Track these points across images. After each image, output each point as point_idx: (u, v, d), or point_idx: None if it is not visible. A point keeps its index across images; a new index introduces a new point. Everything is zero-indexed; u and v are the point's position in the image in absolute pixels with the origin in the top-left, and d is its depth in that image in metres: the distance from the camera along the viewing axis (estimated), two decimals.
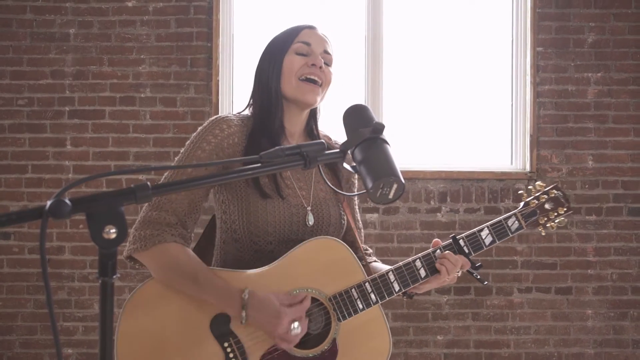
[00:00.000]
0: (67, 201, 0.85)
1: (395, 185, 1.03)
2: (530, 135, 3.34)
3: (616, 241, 3.34)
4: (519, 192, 1.60)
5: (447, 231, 3.29)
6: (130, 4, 3.31)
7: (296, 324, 1.30)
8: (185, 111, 3.31)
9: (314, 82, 1.45)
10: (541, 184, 1.55)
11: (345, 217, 1.54)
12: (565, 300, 3.33)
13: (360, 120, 1.11)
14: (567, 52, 3.36)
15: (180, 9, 3.32)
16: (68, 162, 3.30)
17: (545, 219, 1.53)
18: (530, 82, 3.34)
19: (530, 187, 1.57)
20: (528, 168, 3.34)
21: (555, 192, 1.54)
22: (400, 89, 3.44)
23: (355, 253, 1.45)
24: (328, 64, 1.48)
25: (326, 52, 1.48)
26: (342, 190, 1.56)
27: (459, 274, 1.47)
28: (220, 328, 1.34)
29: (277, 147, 1.00)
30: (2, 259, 3.28)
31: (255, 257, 1.44)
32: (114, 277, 0.87)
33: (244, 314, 1.31)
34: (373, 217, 3.30)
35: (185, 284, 1.35)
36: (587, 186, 3.36)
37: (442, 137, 3.45)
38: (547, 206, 1.52)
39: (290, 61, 1.45)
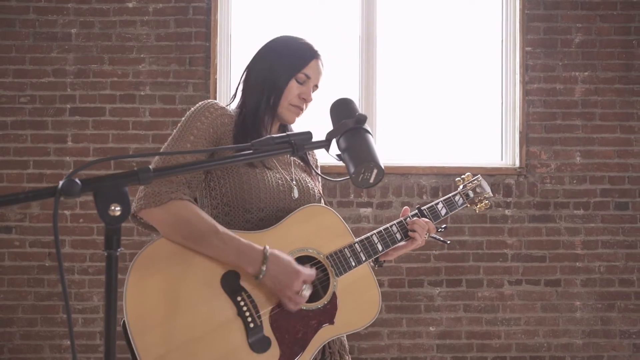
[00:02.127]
0: (78, 181, 0.94)
1: (375, 171, 1.14)
2: (520, 132, 3.43)
3: (603, 235, 3.43)
4: (456, 179, 1.91)
5: (439, 224, 3.38)
6: (130, 5, 3.40)
7: (306, 286, 1.41)
8: (184, 109, 3.39)
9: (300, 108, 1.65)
10: (470, 175, 1.89)
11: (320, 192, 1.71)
12: (554, 292, 3.43)
13: (344, 112, 1.21)
14: (555, 52, 3.45)
15: (179, 9, 3.40)
16: (69, 158, 3.38)
17: (478, 199, 1.86)
18: (520, 80, 3.44)
19: (463, 176, 1.90)
20: (517, 164, 3.43)
21: (479, 180, 1.89)
22: (393, 87, 3.53)
23: None
24: (314, 91, 1.67)
25: (316, 85, 1.66)
26: (316, 173, 1.72)
27: (427, 236, 1.72)
28: (231, 284, 1.40)
29: (267, 136, 1.10)
30: (3, 253, 3.36)
31: (246, 227, 1.53)
32: (119, 250, 0.96)
33: (264, 267, 1.37)
34: (367, 211, 3.39)
35: (203, 239, 1.39)
36: (575, 181, 3.45)
37: (434, 134, 3.54)
38: (477, 190, 1.87)
39: (290, 88, 1.60)
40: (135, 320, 1.31)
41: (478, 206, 1.87)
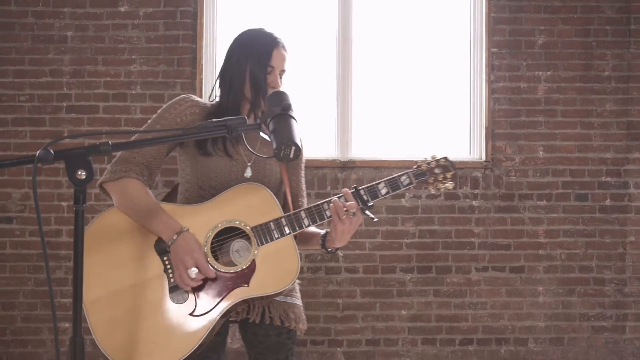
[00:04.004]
0: (51, 151, 1.18)
1: (293, 148, 1.44)
2: (486, 128, 3.66)
3: (565, 224, 3.65)
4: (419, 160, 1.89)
5: (410, 215, 3.62)
6: (122, 9, 3.63)
7: (195, 270, 1.62)
8: None
9: None
10: (435, 155, 1.88)
11: (281, 177, 1.88)
12: (518, 278, 3.64)
13: (276, 101, 1.48)
14: (520, 53, 3.67)
15: (168, 13, 3.63)
16: None
17: (433, 179, 1.84)
18: (486, 79, 3.66)
19: (428, 157, 1.88)
20: (484, 158, 3.65)
21: (444, 161, 1.86)
22: (368, 85, 3.76)
23: (285, 211, 1.79)
24: (282, 76, 1.85)
25: (283, 70, 1.84)
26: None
27: (354, 214, 1.73)
28: (162, 247, 1.69)
29: (208, 120, 1.36)
30: (5, 241, 3.57)
31: (200, 201, 1.79)
32: (84, 205, 1.20)
33: (175, 236, 1.65)
34: None
35: (136, 213, 1.69)
36: (538, 174, 3.67)
37: (406, 130, 3.76)
38: (436, 170, 1.84)
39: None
40: (86, 273, 1.59)
41: (439, 186, 1.83)
